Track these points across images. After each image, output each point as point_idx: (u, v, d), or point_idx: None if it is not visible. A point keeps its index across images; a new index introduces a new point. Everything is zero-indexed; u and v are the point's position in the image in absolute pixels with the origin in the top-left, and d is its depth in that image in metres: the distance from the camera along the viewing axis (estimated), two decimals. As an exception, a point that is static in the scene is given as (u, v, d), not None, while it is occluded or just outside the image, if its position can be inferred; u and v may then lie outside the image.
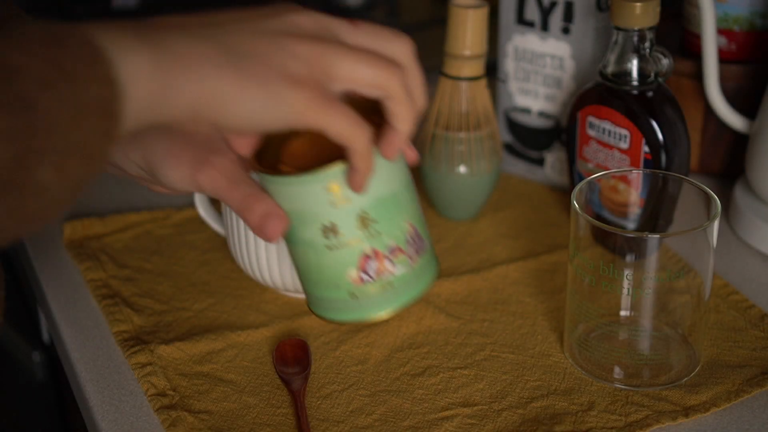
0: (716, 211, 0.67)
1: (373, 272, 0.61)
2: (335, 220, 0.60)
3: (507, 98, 0.95)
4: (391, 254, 0.61)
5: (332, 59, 0.54)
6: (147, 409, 0.69)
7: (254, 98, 0.52)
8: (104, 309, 0.79)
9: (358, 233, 0.60)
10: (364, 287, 0.61)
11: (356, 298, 0.62)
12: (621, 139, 0.81)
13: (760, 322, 0.76)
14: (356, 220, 0.60)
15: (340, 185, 0.59)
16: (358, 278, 0.61)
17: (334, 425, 0.67)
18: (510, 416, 0.68)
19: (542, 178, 0.97)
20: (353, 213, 0.60)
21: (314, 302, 0.64)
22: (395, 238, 0.61)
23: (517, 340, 0.75)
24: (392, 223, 0.61)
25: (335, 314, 0.63)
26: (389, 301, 0.62)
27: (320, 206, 0.59)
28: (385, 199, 0.60)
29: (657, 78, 0.80)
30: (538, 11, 0.90)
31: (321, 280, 0.62)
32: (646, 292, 0.68)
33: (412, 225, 0.62)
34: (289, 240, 0.63)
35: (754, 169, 0.85)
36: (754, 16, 0.91)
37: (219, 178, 0.61)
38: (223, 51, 0.51)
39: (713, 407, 0.68)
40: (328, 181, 0.59)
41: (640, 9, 0.77)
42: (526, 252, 0.86)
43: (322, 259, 0.61)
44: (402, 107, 0.57)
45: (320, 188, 0.59)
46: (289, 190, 0.60)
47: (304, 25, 0.55)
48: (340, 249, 0.61)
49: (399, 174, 0.61)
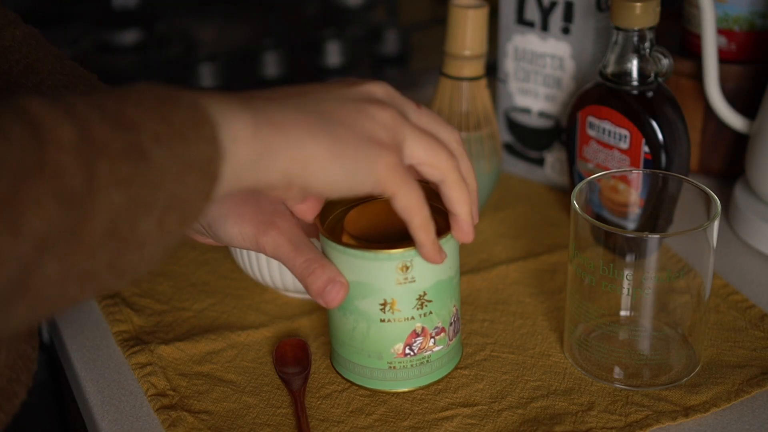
0: (716, 211, 0.67)
1: (417, 348, 0.66)
2: (397, 297, 0.64)
3: (507, 98, 0.95)
4: (436, 333, 0.66)
5: (406, 131, 0.57)
6: (147, 409, 0.69)
7: (344, 162, 0.54)
8: (104, 309, 0.79)
9: (414, 312, 0.65)
10: (404, 360, 0.66)
11: (394, 370, 0.67)
12: (621, 139, 0.81)
13: (760, 322, 0.76)
14: (415, 300, 0.65)
15: (410, 266, 0.63)
16: (402, 352, 0.66)
17: (334, 425, 0.67)
18: (510, 416, 0.68)
19: (542, 178, 0.97)
20: (415, 293, 0.64)
21: (345, 365, 0.68)
22: (442, 318, 0.66)
23: (517, 340, 0.75)
24: (443, 305, 0.66)
25: (368, 382, 0.68)
26: (422, 377, 0.68)
27: (387, 283, 0.63)
28: (442, 282, 0.65)
29: (657, 78, 0.80)
30: (538, 11, 0.90)
31: (364, 348, 0.66)
32: (646, 292, 0.68)
33: (456, 307, 0.67)
34: (340, 306, 0.65)
35: (754, 169, 0.85)
36: (754, 16, 0.91)
37: (283, 242, 0.63)
38: (316, 118, 0.54)
39: (713, 407, 0.68)
40: (402, 261, 0.63)
41: (640, 9, 0.77)
42: (526, 252, 0.86)
43: (372, 330, 0.65)
44: (458, 192, 0.60)
45: (392, 266, 0.63)
46: (360, 263, 0.63)
47: (379, 95, 0.59)
48: (393, 323, 0.65)
49: (455, 259, 0.66)
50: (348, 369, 0.68)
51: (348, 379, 0.69)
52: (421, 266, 0.63)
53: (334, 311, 0.67)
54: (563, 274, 0.82)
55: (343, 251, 0.63)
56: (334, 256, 0.64)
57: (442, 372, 0.69)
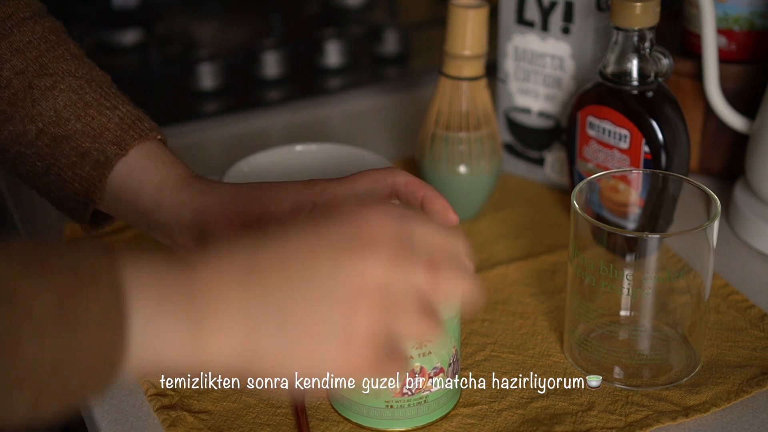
0: (716, 211, 0.67)
1: (415, 388, 0.66)
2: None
3: (507, 98, 0.95)
4: (434, 373, 0.66)
5: (392, 322, 0.50)
6: (147, 409, 0.69)
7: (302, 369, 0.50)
8: (104, 309, 0.79)
9: (413, 351, 0.64)
10: (402, 400, 0.66)
11: (391, 409, 0.66)
12: (621, 139, 0.81)
13: (760, 322, 0.76)
14: (415, 351, 0.64)
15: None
16: (399, 392, 0.65)
17: (334, 425, 0.67)
18: (510, 416, 0.68)
19: (542, 178, 0.97)
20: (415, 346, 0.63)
21: (342, 403, 0.68)
22: (441, 359, 0.65)
23: (517, 340, 0.75)
24: (442, 346, 0.65)
25: (365, 420, 0.67)
26: (418, 417, 0.67)
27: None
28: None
29: (657, 78, 0.80)
30: (538, 11, 0.90)
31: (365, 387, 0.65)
32: (646, 292, 0.68)
33: (456, 348, 0.67)
34: None
35: (754, 169, 0.85)
36: (754, 16, 0.91)
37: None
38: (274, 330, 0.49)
39: (713, 407, 0.68)
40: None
41: (640, 9, 0.77)
42: (526, 252, 0.86)
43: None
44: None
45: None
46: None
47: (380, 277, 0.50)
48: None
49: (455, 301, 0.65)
50: (345, 407, 0.67)
51: (346, 417, 0.68)
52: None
53: None
54: (563, 274, 0.82)
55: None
56: None
57: (440, 412, 0.67)
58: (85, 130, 0.71)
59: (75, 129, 0.71)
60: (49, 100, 0.71)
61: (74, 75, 0.72)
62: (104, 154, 0.70)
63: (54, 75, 0.71)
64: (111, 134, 0.71)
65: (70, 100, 0.71)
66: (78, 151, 0.70)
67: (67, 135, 0.71)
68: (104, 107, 0.71)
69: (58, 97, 0.71)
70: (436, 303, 0.52)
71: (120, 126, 0.71)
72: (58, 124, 0.71)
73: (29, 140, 0.71)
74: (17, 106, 0.71)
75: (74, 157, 0.71)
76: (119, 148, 0.70)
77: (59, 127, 0.71)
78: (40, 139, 0.71)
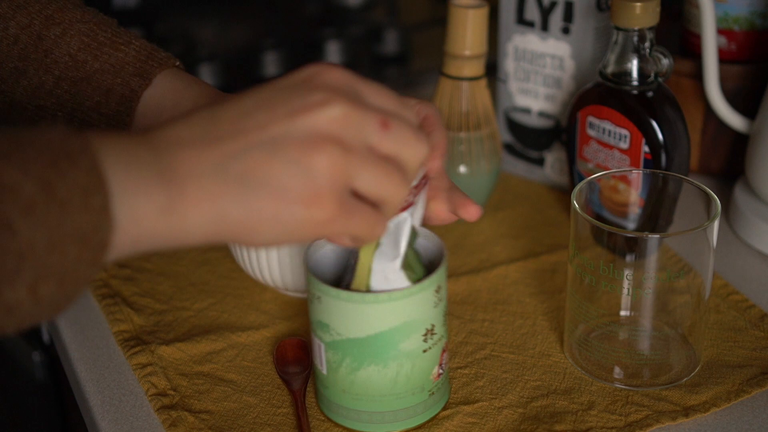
0: (716, 211, 0.67)
1: (444, 364, 0.66)
2: (434, 321, 0.63)
3: (507, 98, 0.95)
4: (447, 346, 0.66)
5: (352, 172, 0.51)
6: (147, 409, 0.69)
7: (270, 230, 0.51)
8: (104, 309, 0.79)
9: (443, 329, 0.64)
10: (438, 382, 0.66)
11: (432, 395, 0.66)
12: (621, 139, 0.81)
13: (760, 322, 0.76)
14: (444, 317, 0.64)
15: (442, 284, 0.63)
16: (437, 374, 0.65)
17: (335, 425, 0.67)
18: (510, 415, 0.68)
19: (542, 178, 0.97)
20: (444, 310, 0.64)
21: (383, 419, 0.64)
22: (447, 328, 0.66)
23: (517, 340, 0.75)
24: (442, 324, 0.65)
25: (411, 421, 0.66)
26: (447, 391, 0.68)
27: (428, 310, 0.62)
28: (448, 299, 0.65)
29: (657, 78, 0.80)
30: (538, 11, 0.90)
31: (408, 388, 0.64)
32: (646, 292, 0.68)
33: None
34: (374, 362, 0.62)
35: (754, 169, 0.85)
36: (754, 16, 0.91)
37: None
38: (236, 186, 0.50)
39: (713, 407, 0.68)
40: (438, 282, 0.62)
41: (640, 9, 0.77)
42: (526, 252, 0.86)
43: (416, 366, 0.64)
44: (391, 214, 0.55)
45: (432, 291, 0.62)
46: (407, 303, 0.61)
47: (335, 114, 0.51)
48: (431, 349, 0.64)
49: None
50: (386, 421, 0.64)
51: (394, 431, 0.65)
52: (444, 282, 0.63)
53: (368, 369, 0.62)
54: (563, 274, 0.82)
55: (385, 298, 0.60)
56: (371, 310, 0.60)
57: (449, 385, 0.69)
58: (104, 68, 0.71)
59: (94, 69, 0.71)
60: (62, 47, 0.71)
61: (82, 20, 0.72)
62: (128, 87, 0.71)
63: (62, 23, 0.71)
64: (131, 67, 0.71)
65: (83, 42, 0.71)
66: (101, 90, 0.71)
67: (86, 76, 0.71)
68: (118, 44, 0.72)
69: (70, 42, 0.71)
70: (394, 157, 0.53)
71: (138, 58, 0.71)
72: (75, 68, 0.71)
73: (47, 91, 0.71)
74: (29, 60, 0.71)
75: (98, 97, 0.71)
76: (142, 79, 0.71)
77: (77, 70, 0.71)
78: (60, 86, 0.71)
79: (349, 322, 0.61)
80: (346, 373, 0.63)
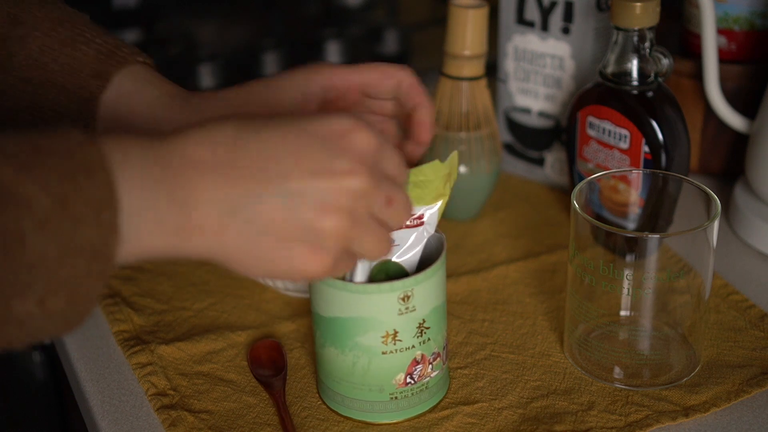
0: (716, 211, 0.67)
1: (417, 376, 0.66)
2: (398, 328, 0.64)
3: (507, 98, 0.95)
4: (433, 359, 0.67)
5: (354, 238, 0.54)
6: (147, 409, 0.69)
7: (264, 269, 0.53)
8: (104, 308, 0.79)
9: (414, 340, 0.65)
10: (406, 390, 0.66)
11: (396, 401, 0.66)
12: (621, 139, 0.81)
13: (760, 322, 0.76)
14: (416, 328, 0.65)
15: (411, 295, 0.63)
16: (403, 382, 0.66)
17: (334, 425, 0.67)
18: (510, 415, 0.68)
19: (542, 178, 0.97)
20: (415, 321, 0.64)
21: (343, 402, 0.67)
22: (437, 344, 0.67)
23: (517, 340, 0.75)
24: (438, 331, 0.66)
25: (368, 416, 0.67)
26: (421, 404, 0.67)
27: (390, 314, 0.64)
28: (438, 309, 0.66)
29: (657, 78, 0.80)
30: (538, 11, 0.90)
31: (365, 383, 0.66)
32: (646, 292, 0.68)
33: (446, 332, 0.68)
34: (334, 344, 0.65)
35: (754, 169, 0.85)
36: (754, 16, 0.91)
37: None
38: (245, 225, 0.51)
39: (713, 407, 0.68)
40: (404, 291, 0.63)
41: (640, 9, 0.77)
42: (526, 252, 0.86)
43: (373, 364, 0.65)
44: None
45: (394, 298, 0.63)
46: (361, 299, 0.63)
47: (354, 186, 0.53)
48: (395, 354, 0.65)
49: (444, 287, 0.66)
50: (346, 406, 0.67)
51: (348, 417, 0.67)
52: (421, 295, 0.64)
53: (328, 352, 0.66)
54: (563, 274, 0.82)
55: (347, 288, 0.63)
56: (334, 294, 0.64)
57: (438, 397, 0.68)
58: (63, 69, 0.69)
59: (54, 71, 0.69)
60: (25, 48, 0.69)
61: (46, 19, 0.70)
62: (87, 89, 0.69)
63: (25, 23, 0.69)
64: (89, 68, 0.69)
65: (44, 44, 0.69)
66: (64, 93, 0.69)
67: (48, 79, 0.69)
68: (78, 43, 0.69)
69: (32, 44, 0.69)
70: (390, 229, 0.56)
71: (97, 58, 0.69)
72: (37, 70, 0.69)
73: (11, 95, 0.70)
74: None
75: (60, 99, 0.69)
76: (100, 80, 0.69)
77: (39, 72, 0.69)
78: (24, 89, 0.69)
79: (317, 298, 0.65)
80: (318, 346, 0.67)
